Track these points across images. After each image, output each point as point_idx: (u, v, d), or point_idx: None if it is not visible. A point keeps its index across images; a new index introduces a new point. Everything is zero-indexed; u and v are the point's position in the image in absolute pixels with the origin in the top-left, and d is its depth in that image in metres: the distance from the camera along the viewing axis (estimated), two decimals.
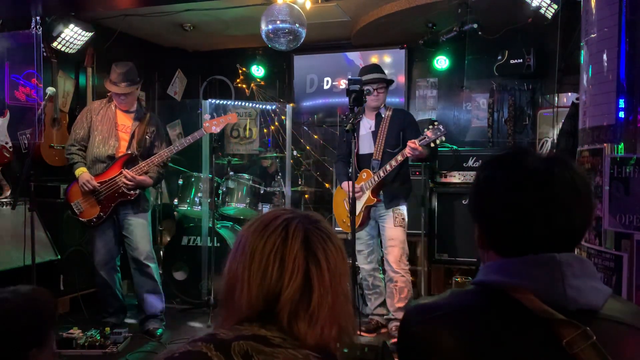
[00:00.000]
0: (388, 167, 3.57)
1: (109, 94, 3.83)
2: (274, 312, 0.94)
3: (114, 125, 3.73)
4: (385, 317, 3.84)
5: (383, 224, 3.74)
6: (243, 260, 0.98)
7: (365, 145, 3.81)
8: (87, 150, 3.74)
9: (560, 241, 0.95)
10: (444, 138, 3.45)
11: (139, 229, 3.75)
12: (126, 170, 3.62)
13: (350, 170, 3.77)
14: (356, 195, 3.61)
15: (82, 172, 3.65)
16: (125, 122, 3.78)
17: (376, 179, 3.63)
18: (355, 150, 3.68)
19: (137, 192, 3.68)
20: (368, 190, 3.68)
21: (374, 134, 3.78)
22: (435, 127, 3.41)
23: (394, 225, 3.69)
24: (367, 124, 3.84)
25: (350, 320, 1.03)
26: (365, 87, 3.60)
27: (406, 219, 3.77)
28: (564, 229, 0.95)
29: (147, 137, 3.79)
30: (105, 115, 3.74)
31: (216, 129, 3.83)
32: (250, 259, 0.97)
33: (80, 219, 3.70)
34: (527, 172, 0.97)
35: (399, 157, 3.52)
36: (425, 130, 3.45)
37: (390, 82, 3.88)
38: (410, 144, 3.43)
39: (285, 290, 0.93)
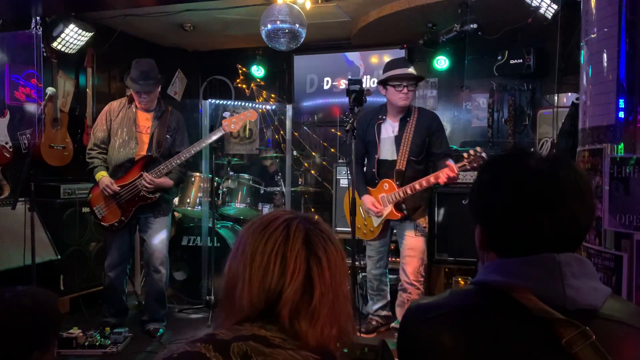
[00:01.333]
0: (417, 187, 3.30)
1: (129, 94, 3.77)
2: (275, 311, 0.94)
3: (134, 127, 3.67)
4: (392, 325, 3.79)
5: (402, 233, 3.55)
6: (244, 260, 0.98)
7: (387, 150, 3.54)
8: (108, 154, 3.70)
9: (564, 242, 0.95)
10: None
11: (158, 232, 3.72)
12: (146, 173, 3.58)
13: (366, 174, 3.64)
14: (378, 209, 3.47)
15: (102, 176, 3.61)
16: (146, 123, 3.71)
17: (401, 194, 3.37)
18: (376, 156, 3.55)
19: (157, 195, 3.64)
20: (390, 204, 3.45)
21: (397, 140, 3.49)
22: (478, 154, 3.11)
23: (415, 235, 3.50)
24: (389, 127, 3.55)
25: (349, 320, 1.03)
26: (394, 83, 3.39)
27: (427, 228, 3.58)
28: (568, 230, 0.95)
29: (167, 136, 3.72)
30: (125, 117, 3.68)
31: (235, 127, 3.77)
32: (251, 258, 0.97)
33: (103, 223, 3.67)
34: (532, 174, 0.96)
35: (432, 180, 3.23)
36: (465, 154, 3.16)
37: (422, 79, 3.62)
38: (448, 171, 3.16)
39: (286, 289, 0.94)
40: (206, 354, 0.88)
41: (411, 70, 3.46)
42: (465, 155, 3.16)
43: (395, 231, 3.69)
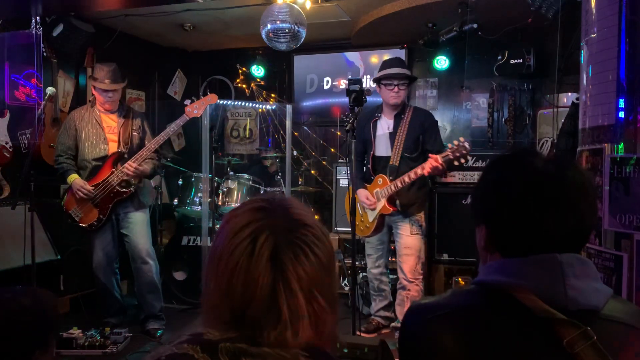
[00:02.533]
0: (407, 179, 3.33)
1: (90, 99, 3.85)
2: (229, 323, 0.90)
3: (100, 129, 3.72)
4: (392, 325, 3.79)
5: (398, 231, 3.58)
6: (212, 267, 0.93)
7: (382, 147, 3.61)
8: (79, 159, 3.73)
9: (570, 242, 0.95)
10: (469, 157, 3.20)
11: (139, 226, 3.75)
12: (129, 162, 3.60)
13: (364, 171, 3.68)
14: (371, 202, 3.53)
15: (74, 178, 3.65)
16: (111, 124, 3.77)
17: (393, 188, 3.42)
18: (371, 152, 3.61)
19: (132, 188, 3.68)
20: (383, 198, 3.48)
21: (392, 136, 3.56)
22: (461, 144, 3.13)
23: (410, 234, 3.53)
24: (385, 124, 3.63)
25: (333, 326, 0.96)
26: (386, 82, 3.49)
27: (424, 226, 3.60)
28: (574, 230, 0.95)
29: (134, 133, 3.80)
30: (90, 121, 3.73)
31: (198, 112, 3.79)
32: (215, 269, 0.91)
33: (81, 224, 3.69)
34: (538, 174, 0.96)
35: (419, 171, 3.27)
36: (449, 145, 3.20)
37: (414, 79, 3.70)
38: (431, 161, 3.18)
39: (249, 308, 0.88)
40: (194, 355, 0.86)
41: (401, 70, 3.53)
42: (449, 145, 3.19)
43: (393, 231, 3.69)
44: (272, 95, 6.05)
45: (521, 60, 4.66)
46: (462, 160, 3.14)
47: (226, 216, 0.98)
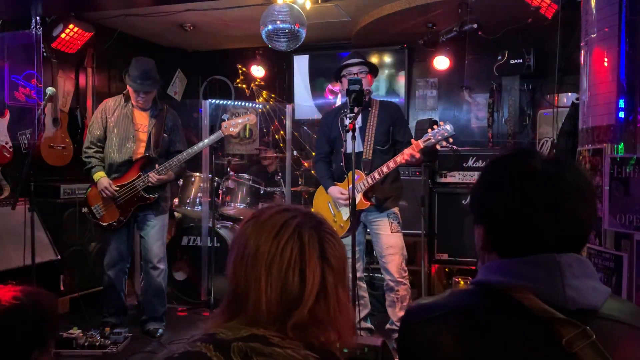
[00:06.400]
0: (385, 169, 3.24)
1: (125, 92, 3.75)
2: (282, 318, 0.94)
3: (131, 126, 3.66)
4: (387, 327, 3.59)
5: (378, 232, 3.44)
6: (258, 267, 0.95)
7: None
8: (105, 153, 3.70)
9: (568, 243, 0.95)
10: (451, 140, 3.10)
11: (155, 230, 3.74)
12: (152, 173, 3.59)
13: (333, 169, 3.56)
14: (345, 199, 3.36)
15: (100, 176, 3.62)
16: (143, 121, 3.72)
17: (370, 181, 3.29)
18: (342, 149, 3.45)
19: (156, 195, 3.67)
20: (359, 193, 3.31)
21: (362, 131, 3.42)
22: (442, 127, 3.07)
23: (391, 232, 3.40)
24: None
25: (352, 319, 1.05)
26: (344, 73, 3.43)
27: (401, 222, 3.49)
28: (571, 232, 0.95)
29: (164, 135, 3.74)
30: (121, 115, 3.67)
31: (234, 130, 3.80)
32: (267, 267, 0.94)
33: (101, 223, 3.68)
34: (535, 175, 0.96)
35: (398, 159, 3.19)
36: (429, 130, 3.11)
37: (371, 65, 3.52)
38: (411, 149, 3.10)
39: (307, 301, 0.93)
40: (207, 354, 0.88)
41: (355, 59, 3.48)
42: (429, 130, 3.12)
43: (368, 230, 3.55)
44: (272, 95, 6.05)
45: (521, 60, 4.67)
46: (444, 143, 3.11)
47: (252, 221, 1.01)
